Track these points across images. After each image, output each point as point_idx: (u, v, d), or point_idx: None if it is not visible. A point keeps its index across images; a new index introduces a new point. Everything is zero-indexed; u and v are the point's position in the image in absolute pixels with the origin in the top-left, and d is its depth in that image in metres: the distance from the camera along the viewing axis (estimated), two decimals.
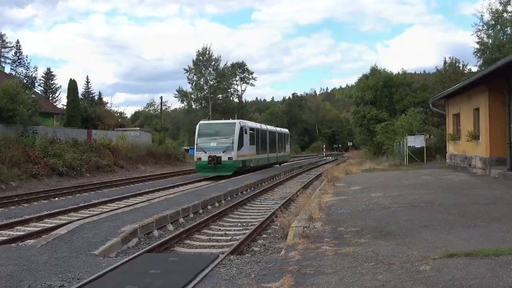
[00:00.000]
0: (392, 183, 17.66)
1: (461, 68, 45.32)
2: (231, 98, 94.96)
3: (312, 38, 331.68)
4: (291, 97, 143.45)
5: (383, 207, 11.34)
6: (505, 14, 39.73)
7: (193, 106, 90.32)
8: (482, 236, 7.66)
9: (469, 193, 13.34)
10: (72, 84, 50.03)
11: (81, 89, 74.33)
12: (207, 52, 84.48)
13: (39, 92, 58.66)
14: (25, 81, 47.61)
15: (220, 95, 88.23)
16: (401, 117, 39.20)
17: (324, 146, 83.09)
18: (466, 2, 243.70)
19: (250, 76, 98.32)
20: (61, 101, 72.60)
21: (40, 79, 68.71)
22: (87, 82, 77.00)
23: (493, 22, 40.27)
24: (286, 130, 50.86)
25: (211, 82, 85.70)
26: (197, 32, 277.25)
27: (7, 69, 56.35)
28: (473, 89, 20.55)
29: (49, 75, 68.90)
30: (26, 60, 76.88)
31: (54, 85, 69.11)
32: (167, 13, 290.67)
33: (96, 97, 75.34)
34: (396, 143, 37.60)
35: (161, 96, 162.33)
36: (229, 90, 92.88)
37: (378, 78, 47.92)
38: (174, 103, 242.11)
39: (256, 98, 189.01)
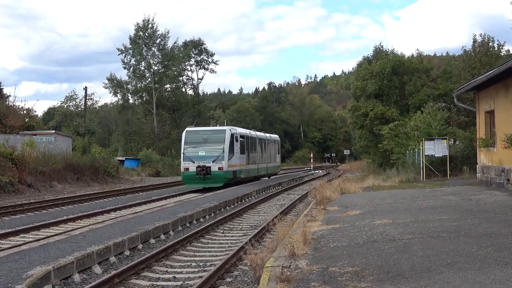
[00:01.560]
0: (404, 205, 17.84)
1: (496, 48, 46.17)
2: (184, 90, 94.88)
3: (295, 7, 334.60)
4: (266, 88, 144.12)
5: (391, 238, 11.44)
6: None
7: (131, 101, 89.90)
8: None
9: (507, 219, 13.56)
10: None
11: None
12: (150, 25, 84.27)
13: None
14: None
15: (168, 85, 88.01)
16: (416, 115, 39.69)
17: (311, 155, 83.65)
18: None
19: (210, 59, 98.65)
20: None
21: None
22: None
23: None
24: (276, 137, 59.02)
25: (156, 67, 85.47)
26: None
27: None
28: None
29: None
30: None
31: None
32: None
33: None
34: (410, 151, 38.03)
35: (86, 87, 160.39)
36: (180, 79, 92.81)
37: (385, 62, 48.49)
38: (104, 96, 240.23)
39: (218, 89, 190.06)
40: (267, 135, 53.59)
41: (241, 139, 38.84)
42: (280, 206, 26.42)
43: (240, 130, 41.11)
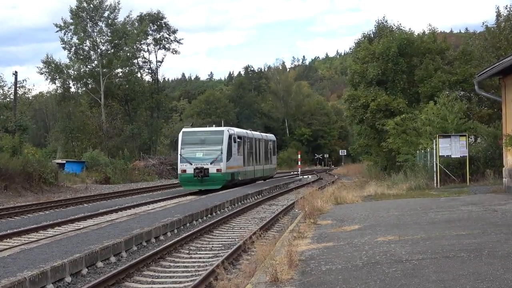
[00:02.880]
0: (413, 218, 17.93)
1: None
2: (139, 75, 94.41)
3: None
4: (242, 73, 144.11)
5: (397, 259, 11.49)
6: None
7: (73, 89, 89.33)
8: None
9: None
10: None
11: None
12: None
13: None
14: None
15: (119, 70, 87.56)
16: (429, 106, 39.79)
17: (299, 156, 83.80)
18: None
19: (172, 37, 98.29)
20: None
21: None
22: None
23: None
24: (272, 136, 68.00)
25: (104, 47, 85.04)
26: None
27: None
28: None
29: None
30: None
31: None
32: None
33: None
34: (420, 150, 38.18)
35: (16, 72, 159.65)
36: (135, 61, 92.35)
37: (390, 41, 48.56)
38: (39, 84, 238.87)
39: (183, 74, 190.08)
40: (263, 134, 63.38)
41: (238, 140, 46.63)
42: (259, 220, 26.45)
43: (238, 131, 49.58)
